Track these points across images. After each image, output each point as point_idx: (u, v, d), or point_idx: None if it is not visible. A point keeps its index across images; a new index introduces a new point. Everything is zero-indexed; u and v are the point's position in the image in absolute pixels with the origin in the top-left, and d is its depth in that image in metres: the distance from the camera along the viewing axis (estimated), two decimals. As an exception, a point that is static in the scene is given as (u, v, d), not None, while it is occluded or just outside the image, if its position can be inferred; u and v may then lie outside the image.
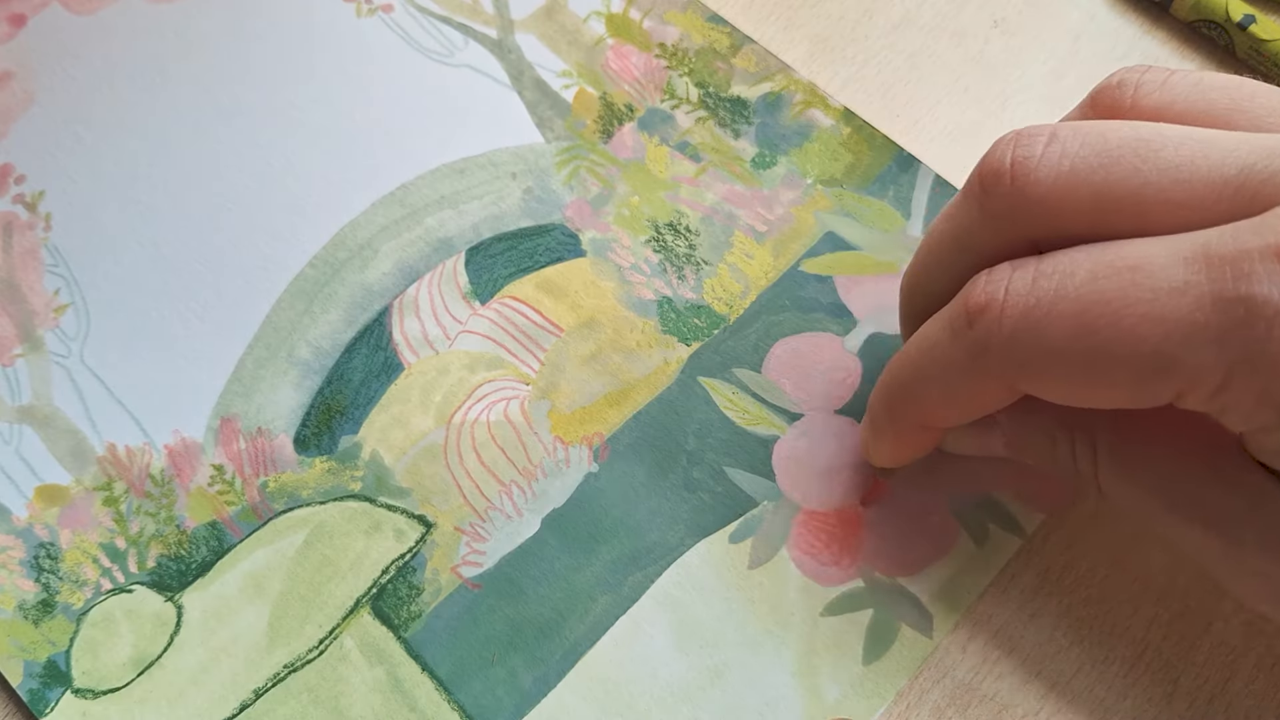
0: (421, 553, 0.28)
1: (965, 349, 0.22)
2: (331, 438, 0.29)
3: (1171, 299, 0.19)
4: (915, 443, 0.26)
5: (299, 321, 0.31)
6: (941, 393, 0.23)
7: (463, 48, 0.34)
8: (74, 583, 0.28)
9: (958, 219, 0.24)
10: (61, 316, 0.31)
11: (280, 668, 0.27)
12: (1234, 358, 0.19)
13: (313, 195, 0.32)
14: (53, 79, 0.34)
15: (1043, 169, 0.21)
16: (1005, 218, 0.22)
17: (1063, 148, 0.21)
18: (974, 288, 0.22)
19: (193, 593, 0.28)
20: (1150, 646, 0.26)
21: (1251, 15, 0.32)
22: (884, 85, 0.33)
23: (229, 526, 0.28)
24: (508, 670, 0.27)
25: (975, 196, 0.23)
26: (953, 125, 0.32)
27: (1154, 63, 0.33)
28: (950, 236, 0.24)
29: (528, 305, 0.30)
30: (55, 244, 0.32)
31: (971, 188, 0.23)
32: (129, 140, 0.33)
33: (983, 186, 0.22)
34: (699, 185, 0.32)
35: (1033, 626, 0.27)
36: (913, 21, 0.34)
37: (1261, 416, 0.19)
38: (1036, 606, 0.27)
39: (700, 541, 0.28)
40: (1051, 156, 0.21)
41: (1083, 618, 0.27)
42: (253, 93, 0.34)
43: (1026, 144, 0.22)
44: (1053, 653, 0.26)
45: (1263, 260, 0.18)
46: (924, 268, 0.25)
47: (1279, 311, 0.18)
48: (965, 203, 0.23)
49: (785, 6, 0.34)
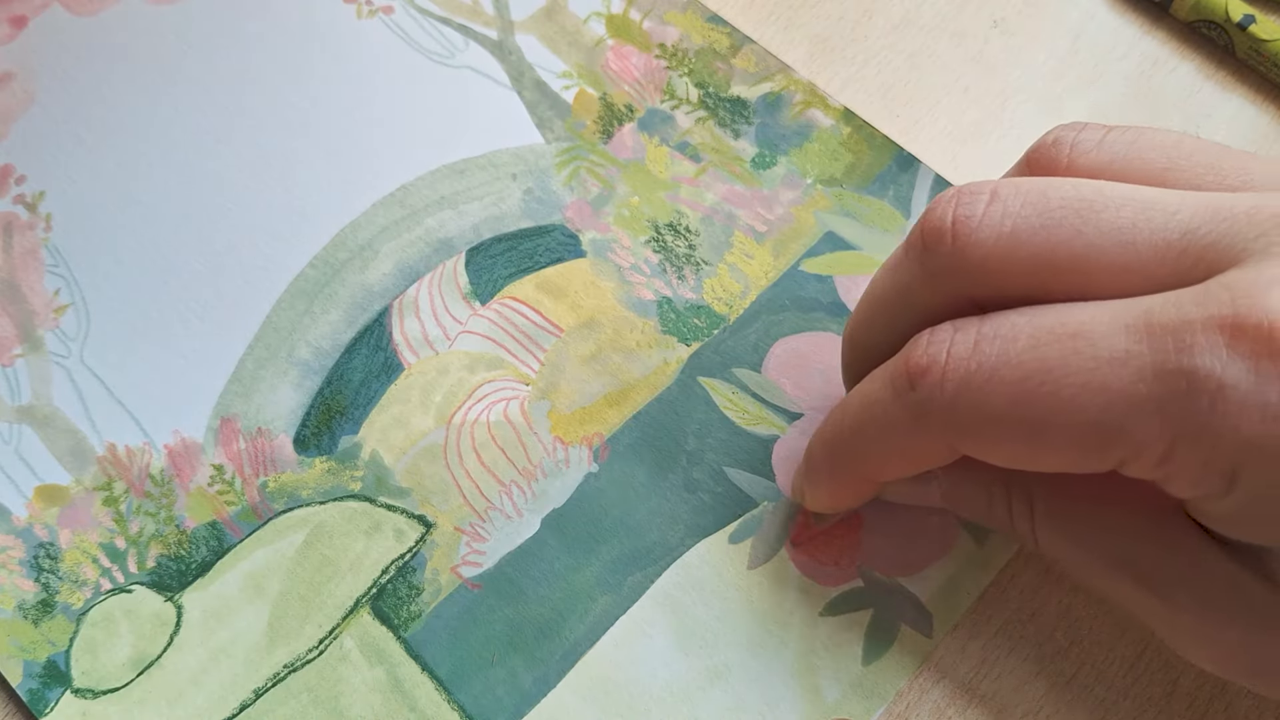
0: (421, 553, 0.28)
1: (907, 410, 0.22)
2: (331, 438, 0.29)
3: (1113, 369, 0.19)
4: (853, 493, 0.26)
5: (299, 322, 0.31)
6: (882, 450, 0.23)
7: (463, 49, 0.34)
8: (74, 583, 0.28)
9: (899, 274, 0.23)
10: (61, 317, 0.31)
11: (280, 668, 0.27)
12: (1177, 430, 0.19)
13: (313, 196, 0.32)
14: (53, 80, 0.34)
15: (984, 230, 0.21)
16: (946, 276, 0.22)
17: (1004, 207, 0.21)
18: (915, 349, 0.21)
19: (192, 593, 0.28)
20: (1150, 646, 0.26)
21: (1251, 15, 0.32)
22: (884, 85, 0.33)
23: (229, 526, 0.28)
24: (508, 670, 0.27)
25: (917, 253, 0.22)
26: (953, 125, 0.32)
27: (1153, 64, 0.33)
28: (893, 291, 0.24)
29: (528, 305, 0.30)
30: (56, 244, 0.32)
31: (913, 244, 0.22)
32: (130, 141, 0.33)
33: (924, 244, 0.22)
34: (699, 185, 0.32)
35: (1032, 626, 0.26)
36: (913, 22, 0.34)
37: (1205, 485, 0.19)
38: (1036, 606, 0.27)
39: (700, 542, 0.28)
40: (993, 216, 0.21)
41: (1082, 617, 0.26)
42: (253, 94, 0.34)
43: (968, 203, 0.21)
44: (1052, 652, 0.26)
45: (1205, 331, 0.18)
46: (866, 320, 0.25)
47: (1221, 385, 0.18)
48: (907, 258, 0.23)
49: (785, 7, 0.34)
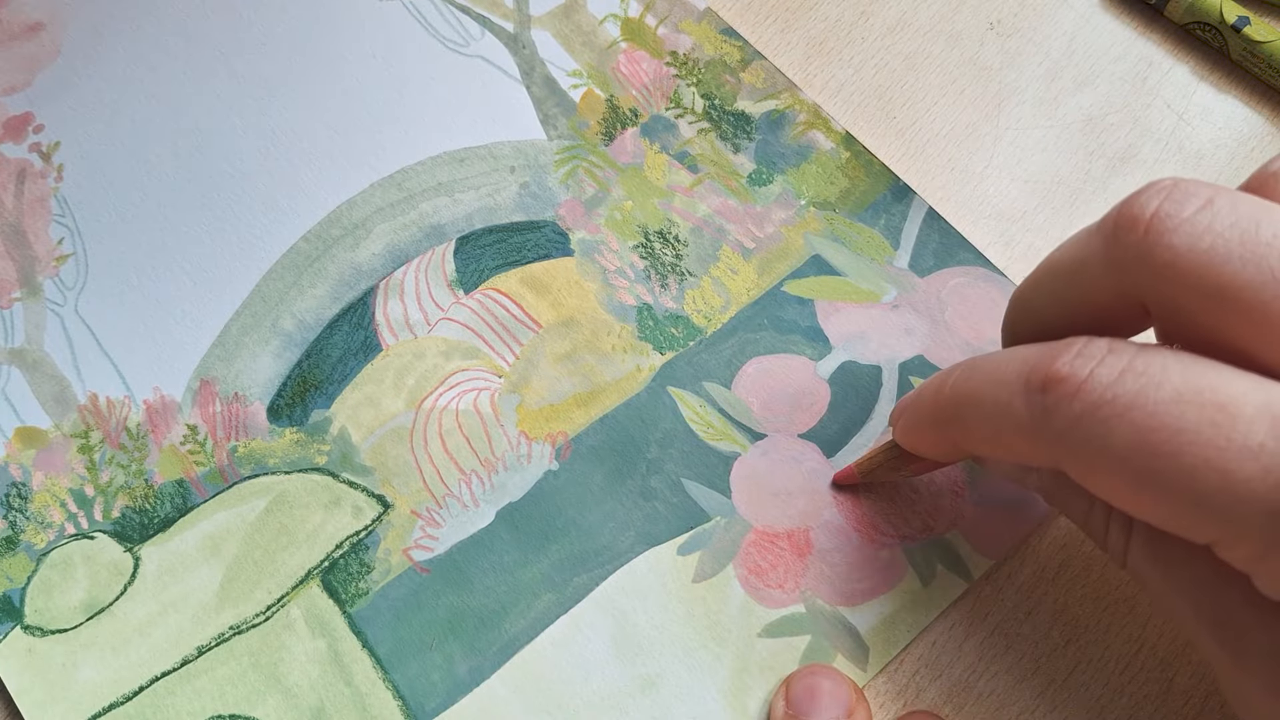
0: (376, 531, 0.28)
1: (1029, 409, 0.21)
2: (304, 410, 0.30)
3: (1242, 458, 0.18)
4: (941, 449, 0.25)
5: (286, 293, 0.31)
6: (988, 431, 0.22)
7: (478, 38, 0.34)
8: (40, 524, 0.29)
9: (1082, 248, 0.22)
10: (62, 266, 0.32)
11: (226, 629, 0.27)
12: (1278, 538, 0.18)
13: (314, 171, 0.33)
14: (81, 34, 0.35)
15: (1180, 235, 0.19)
16: (1126, 267, 0.21)
17: (1211, 221, 0.19)
18: (1062, 355, 0.20)
19: (151, 546, 0.28)
20: (1145, 645, 0.26)
21: (1246, 17, 0.32)
22: (880, 87, 0.33)
23: (195, 486, 0.29)
24: (445, 656, 0.27)
25: (1106, 234, 0.21)
26: (949, 127, 0.32)
27: (1148, 66, 0.32)
28: (1071, 263, 0.23)
29: (510, 299, 0.31)
30: (65, 195, 0.33)
31: (1105, 223, 0.21)
32: (146, 102, 0.34)
33: (1115, 227, 0.21)
34: (693, 196, 0.32)
35: (1028, 624, 0.26)
36: (909, 24, 0.34)
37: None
38: (1032, 604, 0.27)
39: (649, 550, 0.28)
40: (1196, 226, 0.19)
41: (1078, 616, 0.26)
42: (269, 63, 0.34)
43: (1178, 200, 0.20)
44: (1048, 651, 0.26)
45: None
46: (1036, 284, 0.24)
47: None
48: (1094, 236, 0.22)
49: (782, 9, 0.34)
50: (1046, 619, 0.26)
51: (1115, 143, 0.32)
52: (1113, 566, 0.27)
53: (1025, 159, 0.32)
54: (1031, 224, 0.31)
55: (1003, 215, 0.31)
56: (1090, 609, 0.26)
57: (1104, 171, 0.31)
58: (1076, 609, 0.27)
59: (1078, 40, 0.33)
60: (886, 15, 0.34)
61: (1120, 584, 0.27)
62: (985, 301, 0.30)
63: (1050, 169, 0.32)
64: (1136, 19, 0.34)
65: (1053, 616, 0.27)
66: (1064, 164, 0.32)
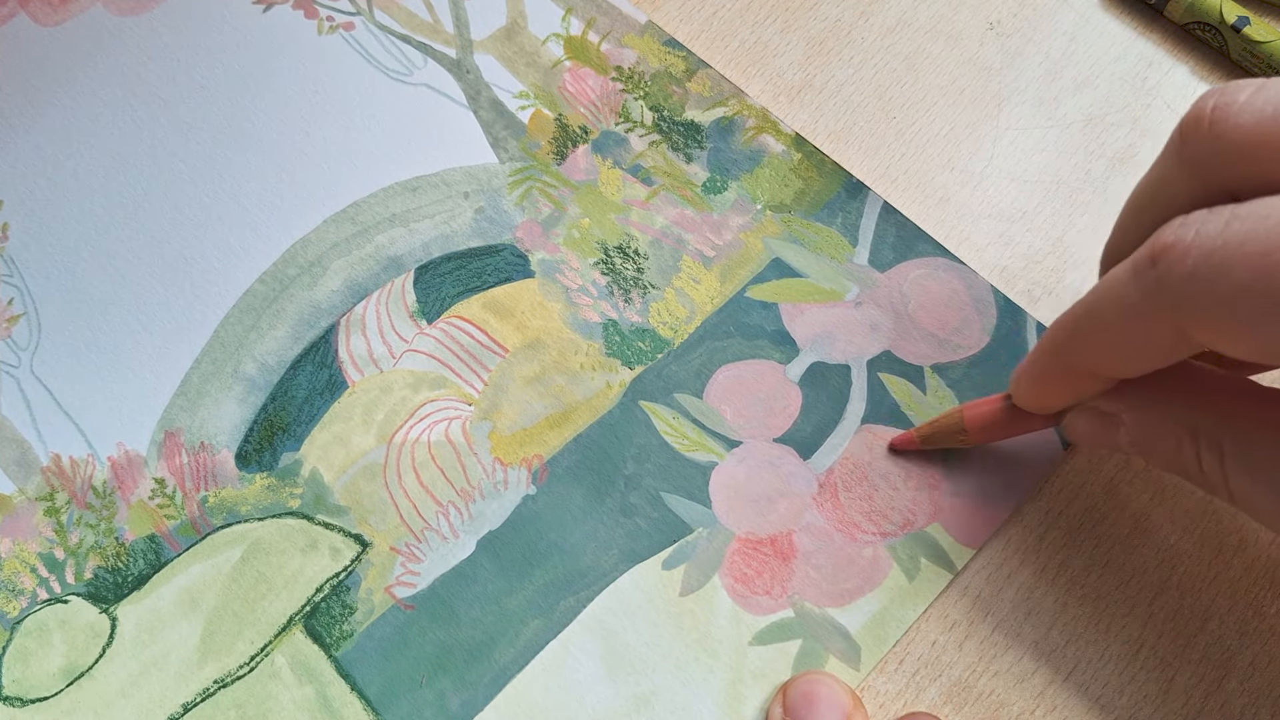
0: (356, 572, 0.28)
1: (1142, 287, 0.21)
2: (273, 454, 0.29)
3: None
4: (1063, 387, 0.25)
5: (246, 337, 0.31)
6: (1107, 334, 0.22)
7: (421, 66, 0.34)
8: (10, 591, 0.28)
9: (1155, 174, 0.23)
10: (14, 327, 0.31)
11: (210, 683, 0.27)
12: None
13: (265, 210, 0.32)
14: (16, 89, 0.34)
15: (1244, 113, 0.20)
16: (1202, 164, 0.21)
17: (1268, 94, 0.20)
18: (1164, 230, 0.21)
19: (128, 605, 0.28)
20: (1145, 644, 0.26)
21: (1246, 17, 0.32)
22: (880, 87, 0.33)
23: (167, 540, 0.28)
24: (436, 692, 0.27)
25: (1174, 147, 0.22)
26: (948, 126, 0.32)
27: (1148, 66, 0.33)
28: (1147, 192, 0.23)
29: (474, 325, 0.31)
30: (11, 254, 0.32)
31: (1171, 140, 0.22)
32: (88, 152, 0.33)
33: (1182, 135, 0.22)
34: (649, 209, 0.32)
35: (1029, 624, 0.27)
36: (909, 24, 0.34)
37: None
38: (1032, 604, 0.27)
39: (634, 567, 0.28)
40: (1256, 101, 0.20)
41: (1078, 615, 0.27)
42: (212, 107, 0.34)
43: (1231, 91, 0.21)
44: (1048, 650, 0.26)
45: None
46: (1121, 229, 0.24)
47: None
48: (1163, 158, 0.22)
49: (782, 9, 0.34)
50: (1047, 618, 0.27)
51: (1115, 143, 0.32)
52: (1112, 568, 0.27)
53: (1025, 159, 0.32)
54: (1032, 224, 0.31)
55: (1003, 215, 0.31)
56: (1090, 609, 0.27)
57: (1104, 172, 0.32)
58: (1076, 609, 0.27)
59: (1078, 40, 0.34)
60: (886, 15, 0.34)
61: (1120, 583, 0.27)
62: (946, 292, 0.30)
63: (1050, 169, 0.32)
64: (1136, 19, 0.34)
65: (1053, 616, 0.27)
66: (1064, 164, 0.32)
